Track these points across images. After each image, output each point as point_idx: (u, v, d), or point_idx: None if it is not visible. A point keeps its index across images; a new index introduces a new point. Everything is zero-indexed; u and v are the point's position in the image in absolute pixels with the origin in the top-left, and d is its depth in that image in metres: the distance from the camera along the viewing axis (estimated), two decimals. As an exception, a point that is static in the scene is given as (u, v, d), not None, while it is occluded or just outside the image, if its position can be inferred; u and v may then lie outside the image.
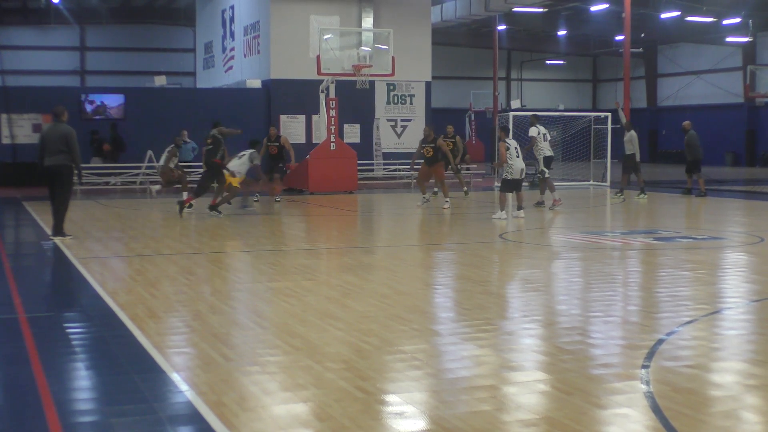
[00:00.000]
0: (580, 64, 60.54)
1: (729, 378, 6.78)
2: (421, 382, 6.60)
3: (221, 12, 39.87)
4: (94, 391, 6.50)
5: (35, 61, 49.99)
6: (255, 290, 10.76)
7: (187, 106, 32.62)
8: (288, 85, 32.76)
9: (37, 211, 20.30)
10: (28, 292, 10.55)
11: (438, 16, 41.71)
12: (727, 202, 24.54)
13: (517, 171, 18.64)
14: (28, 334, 8.23)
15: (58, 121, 14.98)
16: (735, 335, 8.32)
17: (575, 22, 49.16)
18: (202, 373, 6.80)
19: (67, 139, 14.71)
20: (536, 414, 5.87)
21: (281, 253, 14.14)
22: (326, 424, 5.63)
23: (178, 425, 5.74)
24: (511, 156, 18.52)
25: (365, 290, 10.47)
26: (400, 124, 35.30)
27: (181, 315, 9.06)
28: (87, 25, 51.21)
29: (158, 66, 48.04)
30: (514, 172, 18.63)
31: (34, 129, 30.36)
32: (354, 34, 29.60)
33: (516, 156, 18.60)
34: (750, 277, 11.75)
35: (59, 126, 14.87)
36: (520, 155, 18.81)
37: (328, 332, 8.20)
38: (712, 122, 50.02)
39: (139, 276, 11.47)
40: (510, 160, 18.49)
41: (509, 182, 18.83)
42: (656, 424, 5.62)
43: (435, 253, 14.43)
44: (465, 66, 56.08)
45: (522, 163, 18.78)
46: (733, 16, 43.29)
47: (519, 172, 18.68)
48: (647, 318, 8.92)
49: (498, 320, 8.96)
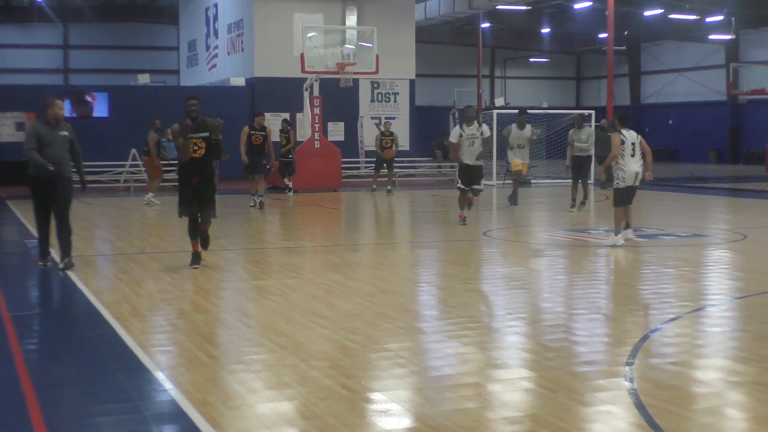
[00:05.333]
0: (563, 62, 60.62)
1: (713, 375, 6.82)
2: (406, 380, 6.60)
3: (205, 10, 39.79)
4: (79, 390, 6.47)
5: (18, 60, 49.73)
6: (240, 288, 10.75)
7: (170, 104, 32.42)
8: (272, 83, 32.72)
9: (20, 209, 20.21)
10: (11, 291, 10.51)
11: (422, 14, 41.71)
12: (711, 199, 24.64)
13: (630, 175, 13.87)
14: (11, 333, 8.20)
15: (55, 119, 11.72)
16: (718, 332, 8.36)
17: (559, 20, 49.24)
18: (187, 372, 6.79)
19: (73, 142, 11.76)
20: (521, 411, 5.89)
21: (266, 252, 14.12)
22: (311, 422, 5.63)
23: (163, 424, 5.73)
24: (624, 154, 13.83)
25: (350, 288, 10.47)
26: (384, 122, 35.27)
27: (166, 313, 9.05)
28: (70, 23, 50.98)
29: (142, 64, 47.88)
30: (626, 176, 13.89)
31: (17, 127, 30.24)
32: (338, 32, 29.60)
33: (631, 155, 13.87)
34: (733, 274, 11.80)
35: (62, 125, 11.71)
36: (636, 153, 13.95)
37: (313, 330, 8.20)
38: (695, 120, 50.27)
39: (123, 275, 11.44)
40: (621, 160, 13.83)
41: (621, 192, 13.98)
42: (640, 420, 5.64)
43: (420, 251, 14.43)
44: (449, 64, 56.05)
45: (637, 164, 13.94)
46: (715, 14, 43.46)
47: (632, 177, 13.89)
48: (631, 315, 8.96)
49: (482, 318, 8.99)
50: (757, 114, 47.21)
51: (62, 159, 11.53)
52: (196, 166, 11.77)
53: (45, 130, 11.43)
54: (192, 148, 11.59)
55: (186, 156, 11.68)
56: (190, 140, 11.54)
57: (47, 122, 11.50)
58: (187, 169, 11.83)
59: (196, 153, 11.62)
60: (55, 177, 11.43)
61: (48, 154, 11.34)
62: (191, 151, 11.62)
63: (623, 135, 13.90)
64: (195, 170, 11.79)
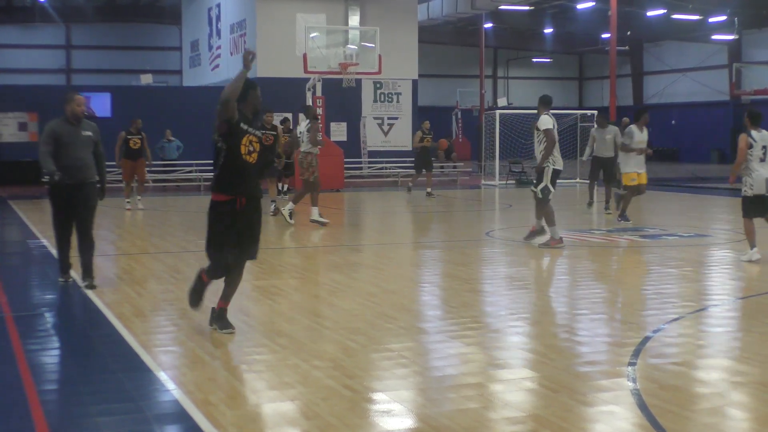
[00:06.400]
0: (566, 62, 60.64)
1: (715, 375, 6.81)
2: (408, 380, 6.60)
3: (207, 10, 39.82)
4: (81, 390, 6.47)
5: (21, 60, 49.82)
6: (242, 289, 10.68)
7: (173, 104, 32.58)
8: (275, 83, 32.69)
9: (22, 209, 20.23)
10: (13, 291, 10.51)
11: (424, 14, 41.73)
12: (713, 199, 24.62)
13: (760, 182, 12.22)
14: (14, 332, 8.20)
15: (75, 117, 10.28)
16: (721, 332, 8.35)
17: (561, 20, 49.25)
18: (189, 372, 6.78)
19: (97, 144, 10.46)
20: (523, 412, 5.88)
21: (268, 252, 14.12)
22: (313, 422, 5.62)
23: (165, 424, 5.73)
24: (753, 157, 12.21)
25: (352, 288, 10.47)
26: (386, 122, 35.31)
27: (168, 313, 9.04)
28: (73, 23, 51.07)
29: (144, 64, 47.94)
30: (755, 183, 12.24)
31: (19, 128, 30.29)
32: (340, 32, 29.63)
33: (761, 159, 12.22)
34: (735, 274, 11.78)
35: (86, 125, 10.41)
36: None
37: (315, 331, 8.20)
38: (698, 120, 50.24)
39: (125, 275, 11.44)
40: (751, 164, 12.21)
41: (749, 201, 12.39)
42: (642, 421, 5.63)
43: (422, 251, 14.43)
44: (451, 64, 56.08)
45: None
46: (718, 14, 43.44)
47: (763, 184, 12.21)
48: (633, 315, 8.94)
49: (484, 318, 8.98)
50: (759, 114, 47.16)
51: (84, 162, 10.22)
52: (248, 176, 7.85)
53: (65, 129, 10.11)
54: (246, 148, 7.80)
55: None
56: (246, 136, 7.81)
57: (68, 121, 10.15)
58: (232, 184, 7.84)
59: (250, 156, 7.81)
60: (76, 183, 10.13)
61: (68, 156, 10.05)
62: (244, 152, 7.80)
63: (752, 137, 12.28)
64: (244, 185, 7.86)
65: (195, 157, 30.09)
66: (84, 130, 10.25)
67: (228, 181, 7.79)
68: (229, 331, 7.99)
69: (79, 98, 10.26)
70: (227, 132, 7.71)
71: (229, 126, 7.69)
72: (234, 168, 7.76)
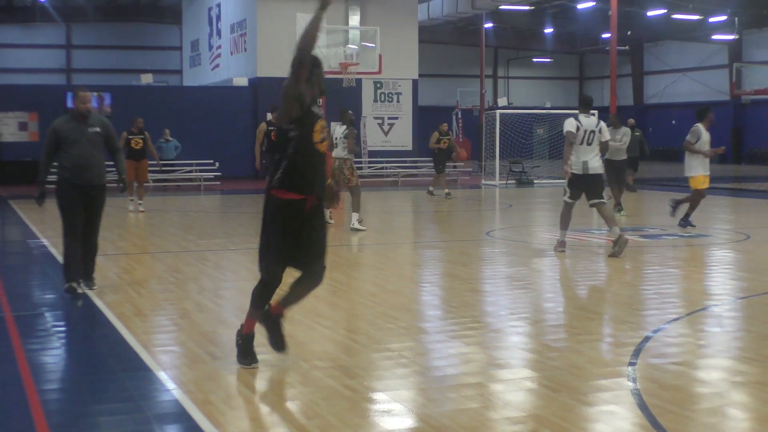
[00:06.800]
0: (566, 62, 60.61)
1: (715, 375, 6.80)
2: (409, 380, 6.59)
3: (207, 10, 39.82)
4: (81, 389, 6.47)
5: (21, 59, 49.82)
6: (242, 288, 10.72)
7: (173, 104, 32.58)
8: (275, 83, 32.40)
9: (23, 209, 20.23)
10: (13, 291, 10.51)
11: (425, 14, 41.72)
12: (713, 199, 24.58)
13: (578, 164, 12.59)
14: (14, 332, 8.20)
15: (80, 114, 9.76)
16: (721, 332, 8.34)
17: (562, 20, 49.23)
18: (189, 372, 6.78)
19: (109, 139, 9.98)
20: (523, 411, 5.88)
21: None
22: (313, 422, 5.62)
23: (165, 424, 5.73)
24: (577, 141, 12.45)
25: (353, 288, 10.47)
26: (387, 122, 35.33)
27: (168, 313, 9.04)
28: (73, 23, 51.06)
29: (144, 64, 47.93)
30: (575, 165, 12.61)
31: (19, 127, 30.30)
32: (341, 32, 29.63)
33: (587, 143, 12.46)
34: (736, 274, 11.78)
35: (93, 120, 9.88)
36: None
37: (316, 330, 8.20)
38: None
39: (125, 274, 11.44)
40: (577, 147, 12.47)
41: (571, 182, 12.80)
42: (643, 421, 5.63)
43: (422, 250, 14.43)
44: (452, 64, 56.05)
45: None
46: (719, 14, 43.44)
47: (580, 165, 12.58)
48: (634, 315, 8.94)
49: (485, 318, 8.98)
50: (759, 114, 47.17)
51: (92, 161, 9.70)
52: (321, 170, 6.68)
53: (69, 127, 9.66)
54: (320, 135, 6.60)
55: None
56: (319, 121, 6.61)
57: (73, 118, 9.70)
58: (305, 180, 6.57)
59: (322, 144, 6.62)
60: (83, 186, 9.66)
61: (73, 155, 9.59)
62: (318, 140, 6.58)
63: (579, 120, 12.40)
64: (317, 181, 6.64)
65: (195, 157, 30.09)
66: (91, 126, 9.72)
67: (299, 176, 6.50)
68: None
69: (83, 95, 9.76)
70: (299, 116, 6.53)
71: (301, 108, 6.53)
72: (307, 159, 6.52)
